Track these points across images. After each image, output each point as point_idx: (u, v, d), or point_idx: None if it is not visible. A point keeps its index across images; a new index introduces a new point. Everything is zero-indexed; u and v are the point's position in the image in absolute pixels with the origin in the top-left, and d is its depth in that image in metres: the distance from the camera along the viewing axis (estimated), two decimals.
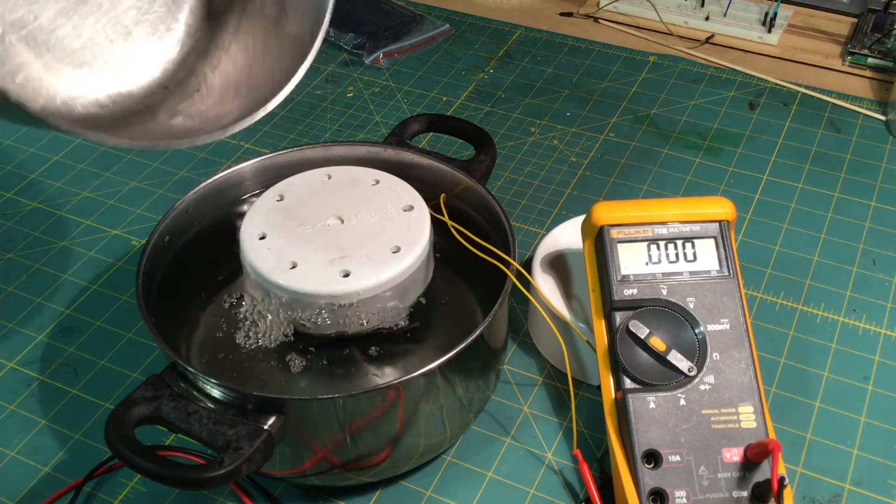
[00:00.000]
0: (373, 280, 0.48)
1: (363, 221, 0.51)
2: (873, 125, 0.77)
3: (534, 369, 0.58)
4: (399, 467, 0.51)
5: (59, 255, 0.67)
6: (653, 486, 0.46)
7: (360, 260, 0.49)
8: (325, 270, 0.48)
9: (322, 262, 0.48)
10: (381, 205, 0.52)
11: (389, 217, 0.51)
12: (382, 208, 0.52)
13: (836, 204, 0.69)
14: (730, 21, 0.88)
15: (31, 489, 0.52)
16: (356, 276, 0.48)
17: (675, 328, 0.49)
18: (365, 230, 0.50)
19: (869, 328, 0.60)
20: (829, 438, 0.54)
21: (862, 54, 0.83)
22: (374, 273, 0.48)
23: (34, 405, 0.57)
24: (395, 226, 0.51)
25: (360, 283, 0.48)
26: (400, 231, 0.50)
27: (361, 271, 0.48)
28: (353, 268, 0.48)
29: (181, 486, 0.42)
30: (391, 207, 0.52)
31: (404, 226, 0.51)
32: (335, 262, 0.48)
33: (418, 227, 0.51)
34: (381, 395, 0.45)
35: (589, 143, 0.76)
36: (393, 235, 0.50)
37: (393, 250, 0.49)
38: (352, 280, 0.48)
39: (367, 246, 0.49)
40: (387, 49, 0.86)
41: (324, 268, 0.48)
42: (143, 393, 0.44)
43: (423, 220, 0.51)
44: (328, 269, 0.48)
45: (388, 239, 0.50)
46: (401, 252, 0.49)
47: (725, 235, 0.51)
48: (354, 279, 0.48)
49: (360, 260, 0.49)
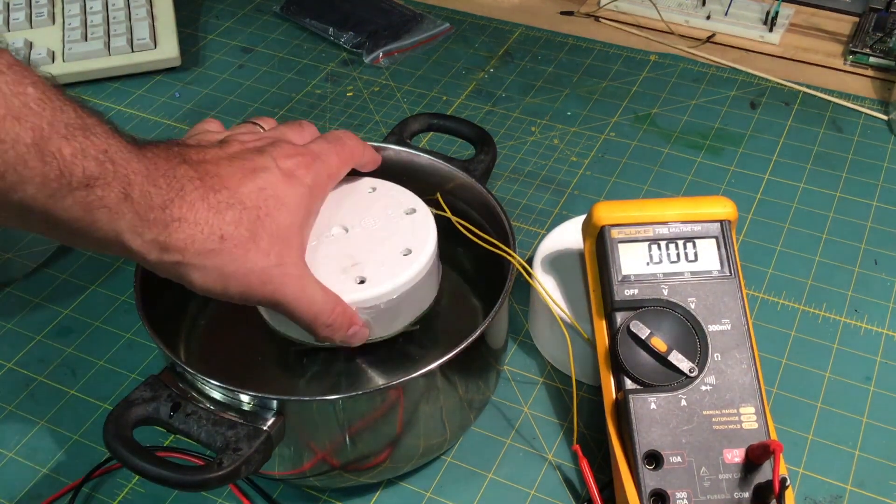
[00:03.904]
0: (389, 284, 0.47)
1: (368, 228, 0.50)
2: (875, 125, 0.76)
3: (534, 369, 0.58)
4: (399, 468, 0.51)
5: (57, 255, 0.67)
6: (654, 487, 0.46)
7: (374, 266, 0.48)
8: (340, 279, 0.47)
9: (335, 272, 0.48)
10: (382, 211, 0.51)
11: (393, 221, 0.51)
12: (384, 214, 0.51)
13: (838, 204, 0.69)
14: (731, 20, 0.88)
15: (29, 490, 0.52)
16: (372, 282, 0.47)
17: (676, 328, 0.49)
18: (371, 237, 0.50)
19: (871, 328, 0.60)
20: (830, 439, 0.53)
21: (864, 53, 0.83)
22: (390, 277, 0.47)
23: (32, 406, 0.57)
24: (400, 229, 0.50)
25: (377, 288, 0.47)
26: (407, 234, 0.50)
27: (377, 276, 0.47)
28: (368, 274, 0.48)
29: (180, 487, 0.42)
30: (393, 212, 0.51)
31: (410, 228, 0.50)
32: (348, 270, 0.48)
33: (424, 227, 0.50)
34: (381, 396, 0.45)
35: (589, 143, 0.75)
36: (401, 239, 0.50)
37: (404, 253, 0.49)
38: (369, 286, 0.47)
39: (378, 252, 0.49)
40: (387, 48, 0.86)
41: (337, 277, 0.47)
42: (141, 394, 0.44)
43: (428, 221, 0.51)
44: (342, 277, 0.47)
45: (397, 242, 0.49)
46: (412, 254, 0.49)
47: (727, 235, 0.51)
48: (371, 285, 0.47)
49: (374, 266, 0.48)
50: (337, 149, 0.50)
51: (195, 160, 0.43)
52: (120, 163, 0.38)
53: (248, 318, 0.51)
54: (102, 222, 0.38)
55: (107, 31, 0.85)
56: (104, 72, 0.84)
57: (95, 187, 0.37)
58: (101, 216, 0.38)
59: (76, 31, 0.85)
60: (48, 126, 0.36)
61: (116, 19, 0.86)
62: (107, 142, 0.38)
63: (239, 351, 0.54)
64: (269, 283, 0.43)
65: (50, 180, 0.36)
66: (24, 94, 0.35)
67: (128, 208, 0.39)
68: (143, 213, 0.39)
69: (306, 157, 0.47)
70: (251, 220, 0.42)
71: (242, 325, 0.54)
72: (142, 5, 0.88)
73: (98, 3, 0.88)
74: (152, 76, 0.85)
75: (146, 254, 0.40)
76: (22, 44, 0.84)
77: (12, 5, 0.88)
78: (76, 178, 0.37)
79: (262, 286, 0.43)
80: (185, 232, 0.40)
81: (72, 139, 0.37)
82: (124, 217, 0.39)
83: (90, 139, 0.37)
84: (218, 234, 0.41)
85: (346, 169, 0.51)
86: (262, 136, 0.48)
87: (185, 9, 0.93)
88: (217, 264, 0.42)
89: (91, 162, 0.37)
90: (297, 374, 0.52)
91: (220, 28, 0.92)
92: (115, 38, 0.85)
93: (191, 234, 0.41)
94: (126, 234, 0.39)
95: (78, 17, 0.86)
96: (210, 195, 0.42)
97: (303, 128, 0.51)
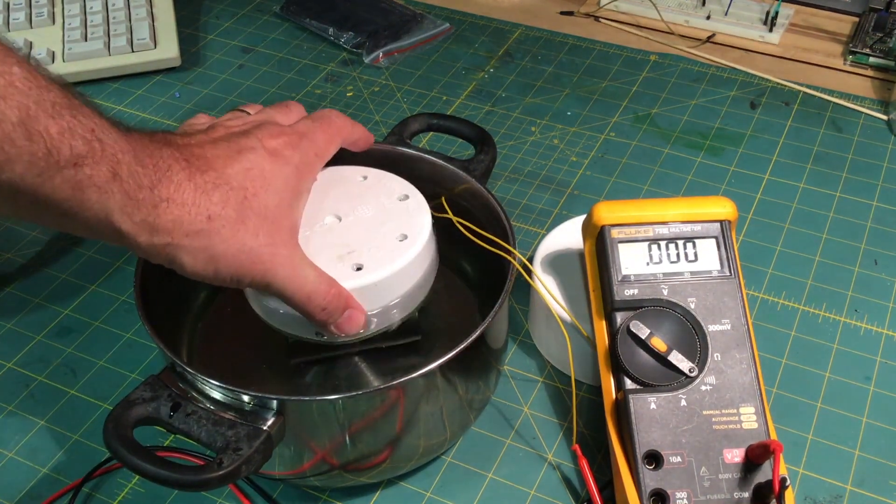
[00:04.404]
0: (387, 269, 0.47)
1: (361, 216, 0.50)
2: (875, 125, 0.76)
3: (534, 369, 0.58)
4: (399, 468, 0.51)
5: (57, 255, 0.67)
6: (654, 487, 0.46)
7: (370, 252, 0.47)
8: (337, 267, 0.47)
9: (331, 260, 0.47)
10: (374, 198, 0.51)
11: (386, 209, 0.50)
12: (377, 201, 0.50)
13: (838, 204, 0.69)
14: (731, 20, 0.88)
15: (29, 490, 0.52)
16: (370, 268, 0.47)
17: (676, 328, 0.49)
18: (365, 224, 0.49)
19: (870, 328, 0.60)
20: (830, 439, 0.53)
21: (863, 53, 0.83)
22: (388, 262, 0.47)
23: (32, 406, 0.57)
24: (394, 216, 0.50)
25: (375, 274, 0.46)
26: (401, 220, 0.49)
27: (374, 263, 0.47)
28: (365, 260, 0.47)
29: (180, 487, 0.42)
30: (386, 199, 0.51)
31: (404, 214, 0.50)
32: (344, 258, 0.47)
33: (418, 212, 0.50)
34: (381, 396, 0.45)
35: (589, 143, 0.75)
36: (395, 225, 0.49)
37: (399, 238, 0.48)
38: (366, 272, 0.46)
39: (373, 238, 0.48)
40: (386, 48, 0.86)
41: (334, 265, 0.47)
42: (141, 393, 0.44)
43: (422, 206, 0.50)
44: (339, 265, 0.47)
45: (392, 229, 0.49)
46: (408, 239, 0.48)
47: (727, 235, 0.51)
48: (368, 271, 0.47)
49: (370, 252, 0.47)
50: (324, 127, 0.49)
51: (180, 144, 0.43)
52: (107, 142, 0.38)
53: (249, 319, 0.50)
54: (92, 202, 0.38)
55: (107, 31, 0.85)
56: (104, 72, 0.84)
57: (84, 166, 0.37)
58: (91, 195, 0.38)
59: (76, 31, 0.85)
60: (35, 105, 0.36)
61: (116, 19, 0.86)
62: (94, 121, 0.38)
63: (239, 351, 0.54)
64: (259, 262, 0.43)
65: (38, 159, 0.36)
66: (9, 73, 0.35)
67: (117, 187, 0.38)
68: (132, 192, 0.39)
69: (292, 136, 0.47)
70: (238, 201, 0.42)
71: (242, 326, 0.54)
72: (142, 5, 0.88)
73: (98, 3, 0.88)
74: (152, 76, 0.85)
75: (136, 236, 0.40)
76: (22, 44, 0.84)
77: (12, 5, 0.88)
78: (64, 157, 0.36)
79: (252, 266, 0.43)
80: (172, 213, 0.40)
81: (59, 118, 0.36)
82: (114, 196, 0.38)
83: (77, 118, 0.37)
84: (205, 214, 0.41)
85: (335, 147, 0.50)
86: (248, 120, 0.48)
87: (185, 9, 0.93)
88: (205, 245, 0.41)
89: (79, 141, 0.37)
90: (298, 374, 0.52)
91: (220, 28, 0.92)
92: (115, 38, 0.85)
93: (178, 215, 0.40)
94: (116, 215, 0.39)
95: (78, 17, 0.86)
96: (196, 176, 0.41)
97: (289, 108, 0.51)
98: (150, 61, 0.84)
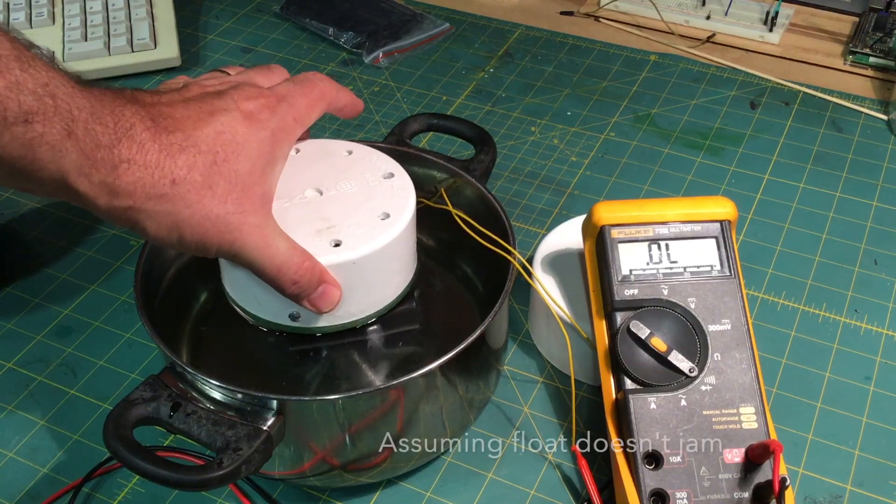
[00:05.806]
0: (367, 247, 0.45)
1: (343, 192, 0.48)
2: (875, 125, 0.76)
3: (534, 369, 0.58)
4: (399, 468, 0.51)
5: (57, 255, 0.67)
6: (654, 487, 0.46)
7: (350, 229, 0.46)
8: (314, 242, 0.45)
9: (309, 234, 0.45)
10: (359, 174, 0.49)
11: (370, 186, 0.49)
12: (361, 178, 0.49)
13: (838, 204, 0.69)
14: (731, 20, 0.88)
15: (29, 490, 0.52)
16: (348, 245, 0.45)
17: (676, 328, 0.49)
18: (347, 200, 0.48)
19: (871, 328, 0.60)
20: (830, 439, 0.53)
21: (864, 53, 0.83)
22: (368, 240, 0.45)
23: (32, 406, 0.57)
24: (378, 193, 0.48)
25: (354, 251, 0.45)
26: (385, 198, 0.48)
27: (353, 240, 0.45)
28: (344, 237, 0.45)
29: (180, 487, 0.42)
30: (370, 176, 0.49)
31: (388, 192, 0.48)
32: (322, 232, 0.46)
33: (403, 192, 0.48)
34: (381, 396, 0.45)
35: (589, 143, 0.75)
36: (378, 203, 0.47)
37: (381, 217, 0.47)
38: (344, 249, 0.45)
39: (354, 215, 0.47)
40: (386, 48, 0.86)
41: (311, 240, 0.45)
42: (141, 393, 0.44)
43: (407, 185, 0.49)
44: (316, 240, 0.45)
45: (375, 206, 0.47)
46: (391, 218, 0.47)
47: (726, 235, 0.51)
48: (347, 248, 0.45)
49: (350, 229, 0.46)
50: (305, 90, 0.46)
51: (148, 102, 0.41)
52: (62, 97, 0.36)
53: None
54: (45, 161, 0.36)
55: (107, 31, 0.85)
56: (104, 72, 0.84)
57: (34, 123, 0.35)
58: (43, 154, 0.36)
59: (76, 31, 0.85)
60: None
61: (116, 19, 0.86)
62: (47, 75, 0.36)
63: (239, 351, 0.54)
64: (227, 231, 0.41)
65: None
66: None
67: (72, 146, 0.36)
68: (89, 151, 0.37)
69: (270, 98, 0.44)
70: (206, 165, 0.40)
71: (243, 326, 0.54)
72: (142, 5, 0.88)
73: (98, 3, 0.88)
74: (152, 76, 0.85)
75: (95, 198, 0.38)
76: None
77: (12, 5, 0.88)
78: (11, 113, 0.35)
79: (219, 235, 0.41)
80: (133, 175, 0.38)
81: (6, 72, 0.35)
82: (68, 155, 0.36)
83: (28, 72, 0.35)
84: (169, 178, 0.39)
85: (317, 112, 0.47)
86: (225, 80, 0.46)
87: (185, 9, 0.93)
88: (169, 210, 0.39)
89: (28, 96, 0.35)
90: (298, 374, 0.52)
91: (220, 28, 0.92)
92: (115, 38, 0.85)
93: (140, 178, 0.38)
94: (72, 175, 0.37)
95: (78, 17, 0.86)
96: (162, 136, 0.39)
97: (271, 70, 0.48)
98: (151, 61, 0.84)
